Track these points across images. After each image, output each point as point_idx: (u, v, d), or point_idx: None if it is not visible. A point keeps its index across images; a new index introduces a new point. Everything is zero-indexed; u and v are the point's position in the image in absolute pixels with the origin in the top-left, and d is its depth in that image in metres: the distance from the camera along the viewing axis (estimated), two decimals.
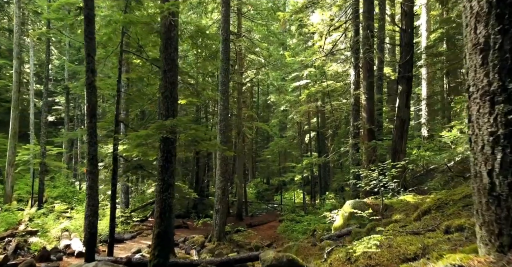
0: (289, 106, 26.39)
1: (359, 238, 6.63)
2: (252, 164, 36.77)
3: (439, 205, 5.27)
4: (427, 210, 5.40)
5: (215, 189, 14.23)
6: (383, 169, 8.49)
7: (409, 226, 4.79)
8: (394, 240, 3.61)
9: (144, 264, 7.38)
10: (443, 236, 3.31)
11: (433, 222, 4.58)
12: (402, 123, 11.96)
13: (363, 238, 3.32)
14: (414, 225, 4.71)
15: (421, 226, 4.39)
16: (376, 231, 6.38)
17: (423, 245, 3.08)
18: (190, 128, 6.54)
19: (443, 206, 5.21)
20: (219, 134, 14.13)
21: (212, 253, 12.33)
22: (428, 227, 4.22)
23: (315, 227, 14.95)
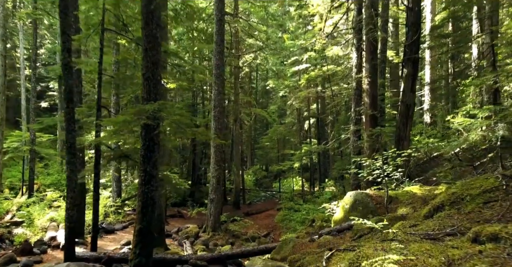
0: (288, 92, 25.58)
1: (361, 235, 6.04)
2: (250, 151, 36.21)
3: (454, 200, 4.63)
4: (440, 205, 4.77)
5: (210, 178, 13.62)
6: (386, 158, 7.85)
7: (420, 225, 4.15)
8: (408, 248, 2.98)
9: (127, 261, 6.83)
10: (471, 246, 2.69)
11: (449, 221, 3.94)
12: (406, 108, 11.25)
13: (376, 259, 2.67)
14: (427, 224, 4.07)
15: (436, 227, 3.76)
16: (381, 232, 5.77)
17: (447, 259, 2.46)
18: (174, 114, 5.85)
19: (458, 201, 4.57)
20: (213, 120, 13.45)
21: (206, 244, 11.82)
22: (446, 229, 3.58)
23: (314, 217, 14.43)
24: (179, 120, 5.84)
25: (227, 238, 13.06)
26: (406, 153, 7.55)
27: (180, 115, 5.85)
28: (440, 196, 5.02)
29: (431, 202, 5.26)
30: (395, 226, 4.55)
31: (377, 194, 7.69)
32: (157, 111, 5.78)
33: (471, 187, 4.69)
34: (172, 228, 14.49)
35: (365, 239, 5.79)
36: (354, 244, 5.22)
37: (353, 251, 3.73)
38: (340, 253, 4.10)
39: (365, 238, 5.81)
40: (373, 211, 7.27)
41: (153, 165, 6.06)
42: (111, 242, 11.39)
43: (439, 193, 6.47)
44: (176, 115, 5.80)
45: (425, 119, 22.05)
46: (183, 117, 5.83)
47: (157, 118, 5.72)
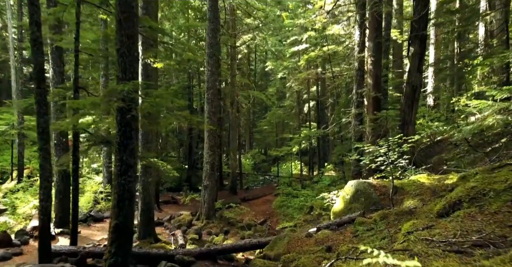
0: (287, 73, 24.68)
1: (364, 231, 5.41)
2: (249, 134, 35.53)
3: (474, 196, 3.96)
4: (457, 201, 4.10)
5: (203, 164, 12.99)
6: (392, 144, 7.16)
7: (436, 227, 3.49)
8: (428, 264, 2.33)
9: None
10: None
11: (473, 224, 3.28)
12: (412, 90, 10.48)
13: None
14: (445, 227, 3.41)
15: (458, 232, 3.09)
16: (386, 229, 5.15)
17: None
18: (151, 95, 5.11)
19: (479, 198, 3.90)
20: (207, 103, 12.70)
21: (199, 233, 11.29)
22: (471, 236, 2.93)
23: (312, 204, 13.90)
24: (157, 103, 5.12)
25: (222, 226, 12.54)
26: (413, 138, 6.85)
27: (160, 97, 5.11)
28: (457, 190, 4.35)
29: (446, 196, 4.59)
30: (405, 226, 3.90)
31: (380, 184, 7.04)
32: (132, 93, 5.04)
33: (494, 180, 4.02)
34: (165, 215, 13.96)
35: (367, 235, 5.17)
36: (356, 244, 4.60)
37: (357, 260, 3.07)
38: (341, 263, 3.44)
39: (368, 234, 5.18)
40: (376, 203, 6.64)
41: (130, 153, 5.37)
42: (99, 231, 10.85)
43: (451, 184, 5.82)
44: (153, 97, 5.06)
45: (428, 102, 21.30)
46: (162, 100, 5.09)
47: (132, 100, 4.99)
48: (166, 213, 14.38)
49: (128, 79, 5.33)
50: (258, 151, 34.84)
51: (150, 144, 9.70)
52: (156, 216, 13.65)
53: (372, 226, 5.35)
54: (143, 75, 9.70)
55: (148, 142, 9.64)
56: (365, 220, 5.61)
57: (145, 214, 9.70)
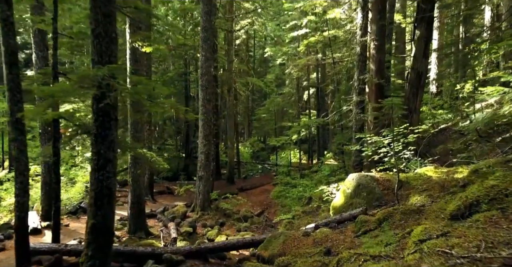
0: (286, 59, 23.96)
1: (366, 231, 4.93)
2: (248, 122, 35.00)
3: (495, 197, 3.46)
4: (475, 202, 3.60)
5: (198, 154, 12.49)
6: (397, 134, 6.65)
7: (453, 235, 2.98)
8: None
9: None
10: None
11: (497, 232, 2.78)
12: (418, 76, 9.91)
13: None
14: (464, 235, 2.90)
15: (481, 244, 2.59)
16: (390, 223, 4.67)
17: None
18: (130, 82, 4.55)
19: (501, 199, 3.39)
20: (200, 90, 12.11)
21: (193, 226, 10.87)
22: (499, 249, 2.43)
23: (311, 195, 13.48)
24: (136, 91, 4.56)
25: (217, 218, 12.12)
26: (420, 128, 6.33)
27: (140, 84, 4.55)
28: (473, 189, 3.84)
29: (459, 194, 4.08)
30: (415, 232, 3.39)
31: (384, 177, 6.54)
32: (107, 78, 4.48)
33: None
34: (160, 206, 13.54)
35: (370, 236, 4.70)
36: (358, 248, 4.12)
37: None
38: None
39: (371, 235, 4.71)
40: (379, 198, 6.16)
41: (108, 145, 4.84)
42: None
43: (462, 179, 5.32)
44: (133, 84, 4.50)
45: (431, 89, 20.69)
46: (144, 87, 4.53)
47: (108, 87, 4.43)
48: (160, 204, 13.96)
49: (105, 63, 4.76)
50: (257, 139, 34.34)
51: (140, 134, 9.17)
52: (149, 207, 13.26)
53: (375, 226, 4.87)
54: (131, 60, 9.11)
55: (137, 131, 9.11)
56: (367, 219, 5.13)
57: (135, 207, 9.26)
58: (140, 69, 9.13)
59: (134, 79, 4.53)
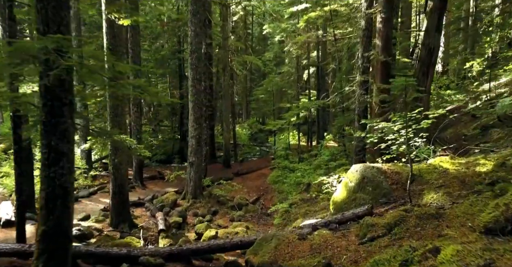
0: (285, 36, 22.73)
1: (374, 238, 4.13)
2: (246, 103, 33.99)
3: None
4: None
5: (188, 138, 11.65)
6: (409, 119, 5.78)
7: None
8: None
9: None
10: None
11: None
12: (429, 53, 8.92)
13: None
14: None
15: None
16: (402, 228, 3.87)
17: None
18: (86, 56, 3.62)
19: None
20: (190, 69, 11.12)
21: (183, 216, 10.15)
22: None
23: (310, 181, 12.73)
24: (89, 68, 3.63)
25: (210, 206, 11.41)
26: (436, 113, 5.43)
27: (94, 58, 3.60)
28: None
29: (496, 202, 3.24)
30: (444, 255, 2.57)
31: (392, 169, 5.70)
32: (54, 52, 3.55)
33: None
34: (150, 193, 12.81)
35: (379, 245, 3.90)
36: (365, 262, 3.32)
37: None
38: None
39: (380, 243, 3.91)
40: (387, 194, 5.34)
41: (61, 136, 3.97)
42: None
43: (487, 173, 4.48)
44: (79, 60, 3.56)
45: (437, 68, 19.59)
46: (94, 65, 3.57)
47: (48, 63, 3.51)
48: (150, 191, 13.23)
49: (54, 33, 3.81)
50: (255, 120, 33.41)
51: (120, 118, 8.28)
52: (138, 194, 12.54)
53: (384, 231, 4.07)
54: (108, 36, 8.10)
55: (117, 115, 8.22)
56: (375, 222, 4.32)
57: (117, 197, 8.49)
58: (119, 45, 8.14)
59: (92, 52, 3.58)
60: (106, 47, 8.09)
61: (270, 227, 10.22)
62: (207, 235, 7.89)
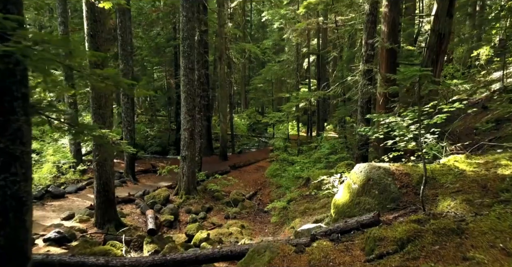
0: (284, 23, 21.89)
1: (383, 255, 3.55)
2: (244, 92, 33.24)
3: None
4: None
5: (181, 131, 11.02)
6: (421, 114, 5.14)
7: None
8: None
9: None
10: None
11: None
12: (439, 40, 8.19)
13: None
14: None
15: None
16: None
17: None
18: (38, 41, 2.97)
19: None
20: (182, 57, 10.42)
21: (175, 213, 9.62)
22: None
23: (309, 176, 12.15)
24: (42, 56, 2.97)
25: (204, 202, 10.87)
26: (452, 107, 4.79)
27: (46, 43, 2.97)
28: None
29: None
30: None
31: (401, 170, 5.08)
32: None
33: None
34: (142, 188, 12.25)
35: (389, 264, 3.31)
36: None
37: None
38: None
39: (391, 263, 3.32)
40: (395, 199, 4.74)
41: (12, 137, 3.33)
42: (54, 212, 9.13)
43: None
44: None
45: None
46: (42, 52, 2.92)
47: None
48: (143, 185, 12.67)
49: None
50: (254, 110, 32.73)
51: (104, 110, 7.63)
52: (130, 189, 11.97)
53: (395, 248, 3.48)
54: (88, 20, 7.38)
55: (100, 107, 7.57)
56: (383, 235, 3.73)
57: (102, 196, 7.90)
58: (101, 31, 7.43)
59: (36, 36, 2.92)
60: (86, 33, 7.39)
61: (266, 225, 9.69)
62: (198, 237, 7.33)
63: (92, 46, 7.38)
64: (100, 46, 7.46)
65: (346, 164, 10.18)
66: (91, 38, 7.35)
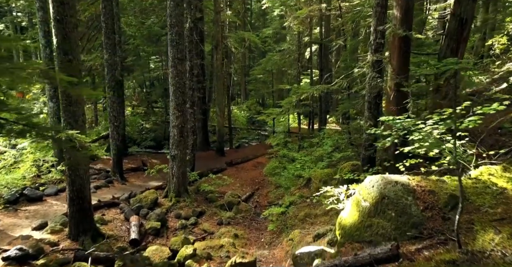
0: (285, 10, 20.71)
1: None
2: (244, 83, 32.13)
3: None
4: None
5: (169, 129, 10.06)
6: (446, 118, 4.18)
7: None
8: None
9: None
10: None
11: None
12: (460, 26, 7.16)
13: None
14: None
15: None
16: None
17: None
18: None
19: None
20: (170, 46, 9.40)
21: (163, 219, 8.74)
22: None
23: (310, 175, 11.23)
24: None
25: (195, 205, 9.96)
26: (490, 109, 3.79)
27: None
28: None
29: None
30: None
31: (423, 186, 4.12)
32: None
33: None
34: (130, 188, 11.34)
35: None
36: None
37: None
38: None
39: None
40: (417, 224, 3.79)
41: None
42: (27, 220, 8.23)
43: None
44: None
45: None
46: None
47: None
48: (131, 185, 11.76)
49: None
50: (254, 101, 31.63)
51: (76, 107, 6.65)
52: (115, 190, 11.06)
53: None
54: (54, 2, 6.35)
55: (71, 104, 6.59)
56: None
57: (75, 204, 6.99)
58: (70, 15, 6.41)
59: None
60: (53, 17, 6.37)
61: (263, 232, 8.78)
62: (183, 253, 6.42)
63: (59, 33, 6.37)
64: (69, 33, 6.45)
65: (351, 164, 9.21)
66: (58, 23, 6.34)
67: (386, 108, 8.20)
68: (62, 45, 6.44)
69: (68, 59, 6.52)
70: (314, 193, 10.31)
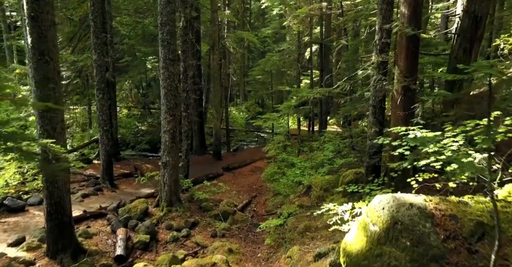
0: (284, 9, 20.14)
1: None
2: (243, 84, 31.56)
3: None
4: None
5: (160, 134, 9.47)
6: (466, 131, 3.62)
7: None
8: None
9: None
10: None
11: None
12: (474, 24, 6.58)
13: None
14: None
15: None
16: None
17: None
18: None
19: None
20: (161, 46, 8.81)
21: (152, 232, 8.15)
22: None
23: (310, 182, 10.65)
24: None
25: (189, 215, 9.36)
26: None
27: None
28: None
29: None
30: None
31: (443, 210, 3.50)
32: None
33: None
34: (120, 196, 10.77)
35: None
36: None
37: None
38: None
39: None
40: (438, 257, 3.19)
41: None
42: (5, 233, 7.62)
43: None
44: None
45: None
46: None
47: None
48: (121, 193, 11.17)
49: None
50: (254, 102, 31.06)
51: (54, 113, 6.06)
52: (104, 199, 10.47)
53: None
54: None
55: (48, 109, 5.98)
56: None
57: (54, 220, 6.41)
58: (46, 12, 5.82)
59: None
60: (26, 14, 5.79)
61: (259, 246, 8.18)
62: None
63: (34, 31, 5.79)
64: (45, 31, 5.86)
65: (355, 172, 8.63)
66: (32, 21, 5.76)
67: (392, 113, 7.60)
68: (38, 45, 5.87)
69: (45, 61, 5.94)
70: (314, 201, 9.73)
